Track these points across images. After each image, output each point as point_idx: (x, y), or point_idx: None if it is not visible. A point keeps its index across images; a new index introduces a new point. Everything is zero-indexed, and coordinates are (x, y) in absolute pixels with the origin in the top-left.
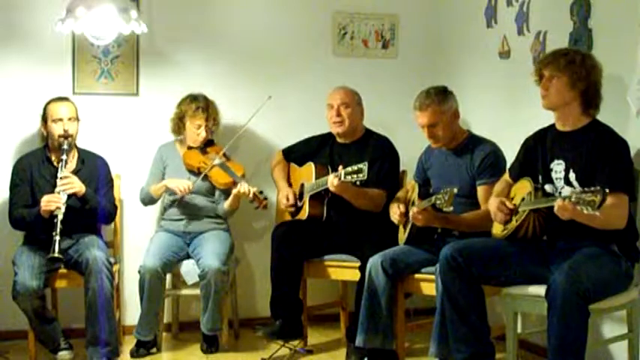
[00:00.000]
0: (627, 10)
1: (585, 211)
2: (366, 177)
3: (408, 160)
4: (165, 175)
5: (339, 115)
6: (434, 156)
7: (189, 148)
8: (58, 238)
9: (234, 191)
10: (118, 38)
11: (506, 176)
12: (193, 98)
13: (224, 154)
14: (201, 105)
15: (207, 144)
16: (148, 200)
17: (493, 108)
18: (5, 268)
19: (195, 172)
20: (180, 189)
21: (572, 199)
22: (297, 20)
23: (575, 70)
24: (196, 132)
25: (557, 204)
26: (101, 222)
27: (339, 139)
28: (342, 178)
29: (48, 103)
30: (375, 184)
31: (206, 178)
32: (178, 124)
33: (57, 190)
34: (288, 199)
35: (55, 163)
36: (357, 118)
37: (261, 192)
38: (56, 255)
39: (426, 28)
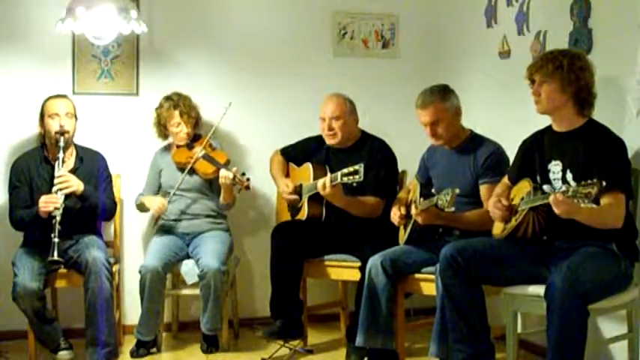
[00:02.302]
0: (627, 10)
1: (582, 204)
2: (362, 178)
3: (408, 160)
4: (161, 178)
5: (330, 128)
6: (436, 155)
7: (178, 147)
8: (56, 240)
9: (220, 181)
10: (118, 38)
11: (505, 179)
12: (166, 99)
13: (209, 145)
14: (173, 103)
15: (194, 139)
16: (140, 210)
17: (493, 108)
18: (5, 269)
19: (184, 168)
20: (155, 208)
21: (569, 193)
22: (297, 20)
23: (563, 75)
24: (177, 130)
25: (552, 199)
26: (101, 219)
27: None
28: (339, 179)
29: (46, 101)
30: (372, 191)
31: (193, 172)
32: (160, 128)
33: (54, 190)
34: (288, 187)
35: (52, 162)
36: (350, 127)
37: (243, 174)
38: (55, 258)
39: (426, 28)
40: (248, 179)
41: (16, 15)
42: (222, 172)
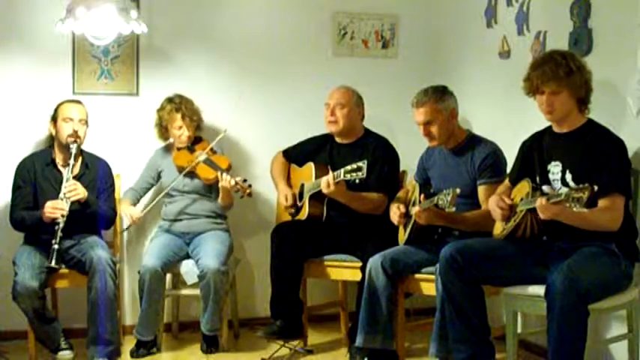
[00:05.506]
0: (627, 10)
1: (575, 209)
2: (365, 175)
3: (408, 160)
4: (162, 178)
5: (333, 114)
6: (434, 156)
7: (178, 149)
8: (56, 247)
9: (220, 185)
10: (118, 38)
11: (507, 181)
12: (168, 101)
13: (211, 149)
14: (175, 106)
15: (195, 142)
16: None
17: (493, 108)
18: (5, 268)
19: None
20: (128, 218)
21: (562, 197)
22: (297, 20)
23: (575, 80)
24: (178, 133)
25: (537, 203)
26: (101, 227)
27: (338, 140)
28: (342, 176)
29: (60, 104)
30: (375, 187)
31: (194, 175)
32: (162, 130)
33: (61, 196)
34: (287, 200)
35: (59, 167)
36: (354, 118)
37: (244, 180)
38: (53, 265)
39: (426, 28)
40: (250, 185)
41: (16, 15)
42: (224, 178)
